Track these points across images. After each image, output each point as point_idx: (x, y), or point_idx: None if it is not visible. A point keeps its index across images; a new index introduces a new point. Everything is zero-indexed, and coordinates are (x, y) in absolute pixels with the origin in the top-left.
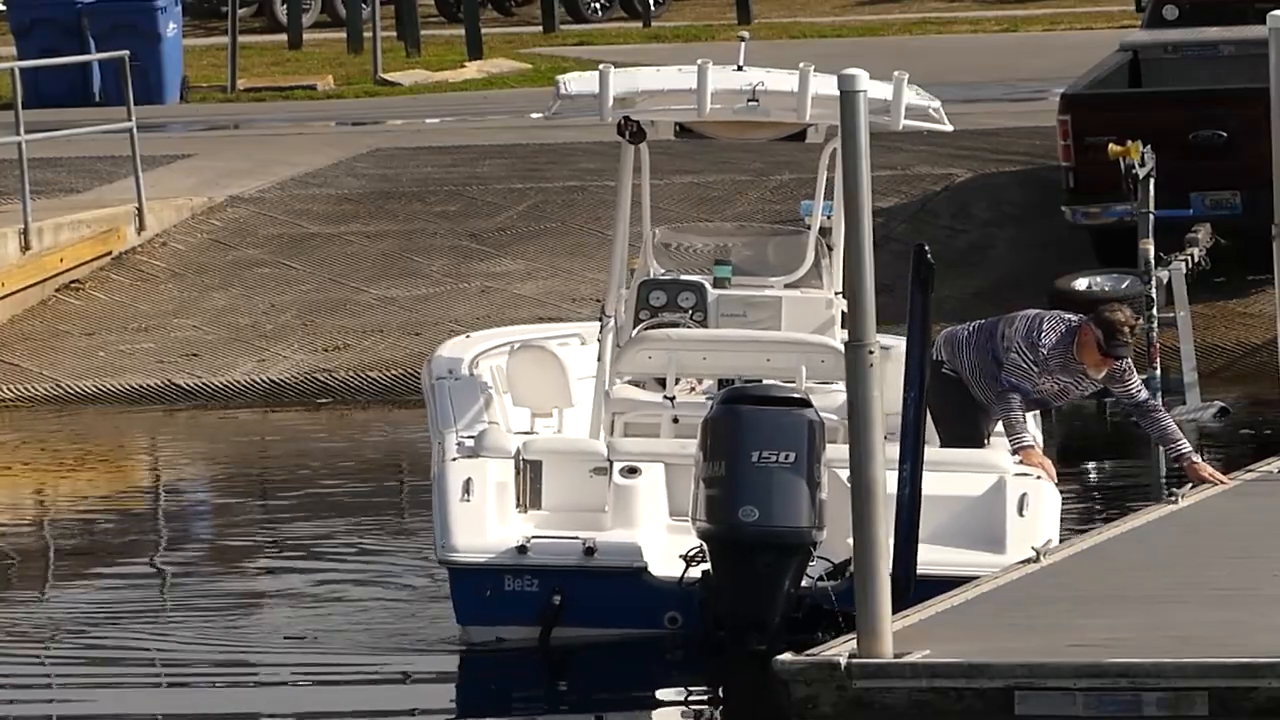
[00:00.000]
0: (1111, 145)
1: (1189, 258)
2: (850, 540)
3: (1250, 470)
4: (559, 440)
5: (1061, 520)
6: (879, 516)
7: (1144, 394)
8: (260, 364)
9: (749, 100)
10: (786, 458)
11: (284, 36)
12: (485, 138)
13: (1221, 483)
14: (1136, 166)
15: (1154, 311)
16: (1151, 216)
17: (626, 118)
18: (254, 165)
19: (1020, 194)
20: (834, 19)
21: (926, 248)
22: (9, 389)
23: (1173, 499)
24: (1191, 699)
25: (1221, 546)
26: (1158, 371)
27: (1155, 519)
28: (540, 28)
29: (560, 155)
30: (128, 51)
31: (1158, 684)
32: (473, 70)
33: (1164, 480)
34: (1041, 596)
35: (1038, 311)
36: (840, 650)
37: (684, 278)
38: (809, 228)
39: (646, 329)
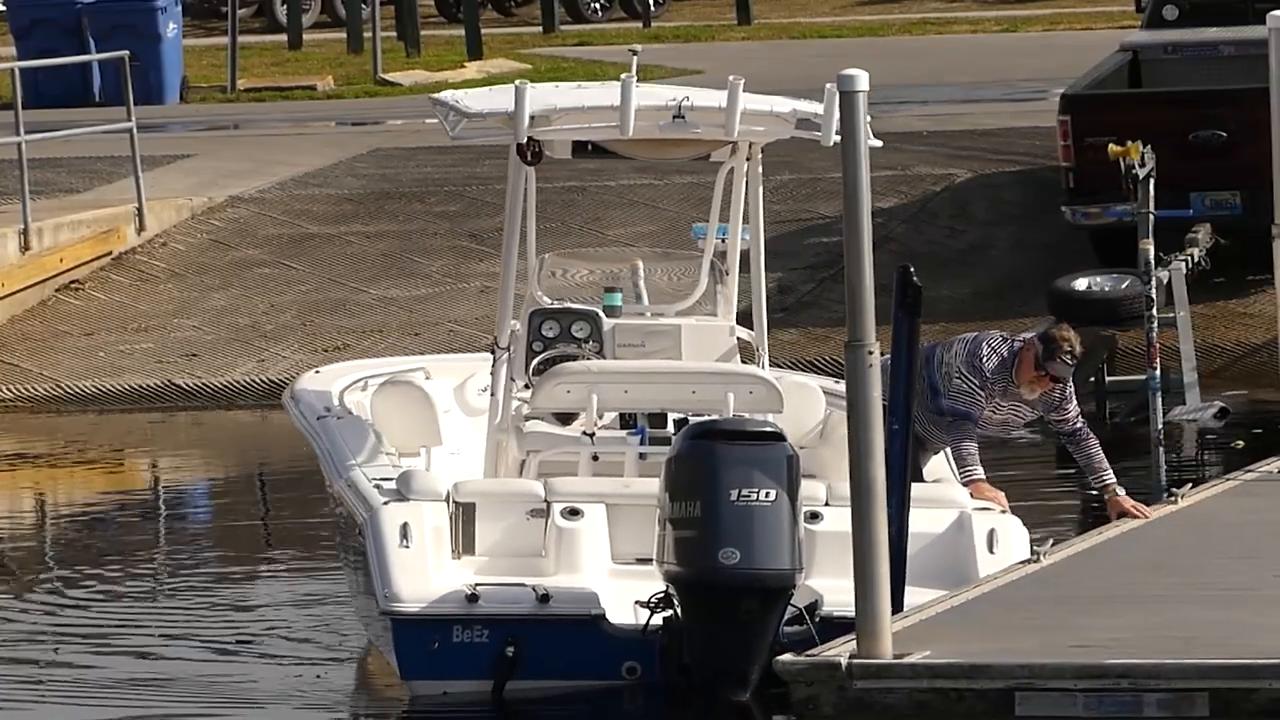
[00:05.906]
0: (1111, 145)
1: (1189, 258)
2: (811, 583)
3: (1250, 470)
4: (493, 482)
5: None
6: (879, 516)
7: (1079, 424)
8: (260, 364)
9: (675, 117)
10: (766, 495)
11: (284, 37)
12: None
13: (1144, 516)
14: (1136, 166)
15: (1154, 311)
16: (1151, 216)
17: (530, 138)
18: (254, 165)
19: (1020, 194)
20: (834, 19)
21: (911, 269)
22: (9, 389)
23: (1172, 499)
24: (1192, 700)
25: (1222, 547)
26: (1157, 372)
27: (1155, 519)
28: (540, 28)
29: None
30: (127, 52)
31: (1158, 685)
32: (473, 70)
33: (1163, 481)
34: (1042, 597)
35: (976, 334)
36: (841, 651)
37: (576, 306)
38: (703, 252)
39: (544, 362)
